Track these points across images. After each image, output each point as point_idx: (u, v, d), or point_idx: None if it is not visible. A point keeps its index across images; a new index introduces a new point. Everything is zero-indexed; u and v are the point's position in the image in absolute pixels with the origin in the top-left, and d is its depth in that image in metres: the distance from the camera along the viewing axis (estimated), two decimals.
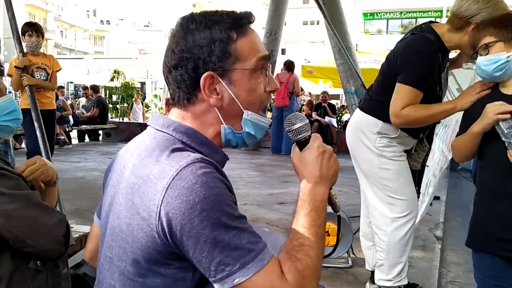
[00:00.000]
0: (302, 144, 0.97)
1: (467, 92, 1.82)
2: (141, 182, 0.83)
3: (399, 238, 2.20)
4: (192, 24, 0.89)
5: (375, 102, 2.20)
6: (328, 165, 0.94)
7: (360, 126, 2.25)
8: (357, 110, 2.32)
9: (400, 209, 2.20)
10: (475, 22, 1.90)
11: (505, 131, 1.49)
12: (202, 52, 0.87)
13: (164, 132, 0.90)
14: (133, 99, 12.62)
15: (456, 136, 1.75)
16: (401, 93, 2.00)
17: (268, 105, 8.38)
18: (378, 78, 2.26)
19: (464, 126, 1.68)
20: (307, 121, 0.98)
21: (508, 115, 1.50)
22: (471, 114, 1.68)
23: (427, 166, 2.53)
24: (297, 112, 1.03)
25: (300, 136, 0.97)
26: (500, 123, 1.51)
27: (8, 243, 1.14)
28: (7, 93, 1.62)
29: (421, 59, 1.99)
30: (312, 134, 0.98)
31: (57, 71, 4.56)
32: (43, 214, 1.21)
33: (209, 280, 0.80)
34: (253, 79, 0.91)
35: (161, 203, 0.78)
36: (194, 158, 0.82)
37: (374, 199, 2.27)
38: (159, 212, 0.78)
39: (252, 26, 0.94)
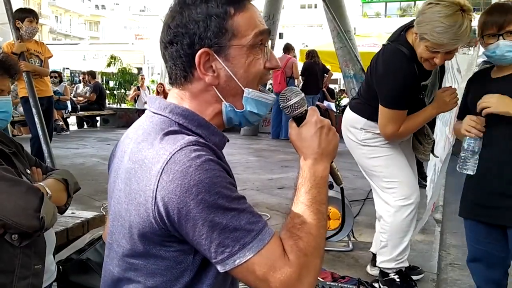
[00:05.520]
0: (299, 120, 0.93)
1: (444, 101, 2.01)
2: (137, 167, 0.82)
3: (402, 218, 2.23)
4: None
5: (360, 102, 2.28)
6: (327, 140, 0.91)
7: (347, 123, 2.34)
8: (347, 109, 2.41)
9: (400, 192, 2.22)
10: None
11: (465, 146, 1.71)
12: (198, 28, 0.84)
13: (160, 114, 0.88)
14: (139, 85, 12.46)
15: (457, 119, 1.91)
16: (389, 117, 2.06)
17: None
18: (364, 81, 2.33)
19: (462, 112, 1.87)
20: (303, 95, 0.94)
21: (473, 134, 1.68)
22: (467, 102, 1.86)
23: (437, 157, 2.55)
24: (292, 87, 0.99)
25: (297, 111, 0.93)
26: (466, 138, 1.71)
27: None
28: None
29: (394, 81, 1.99)
30: (309, 108, 0.94)
31: (49, 57, 4.57)
32: (7, 187, 1.23)
33: (211, 262, 0.80)
34: (251, 55, 0.87)
35: (157, 188, 0.77)
36: (188, 141, 0.80)
37: (374, 187, 2.33)
38: (155, 197, 0.77)
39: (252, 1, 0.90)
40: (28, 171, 1.50)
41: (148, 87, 13.10)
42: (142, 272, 0.85)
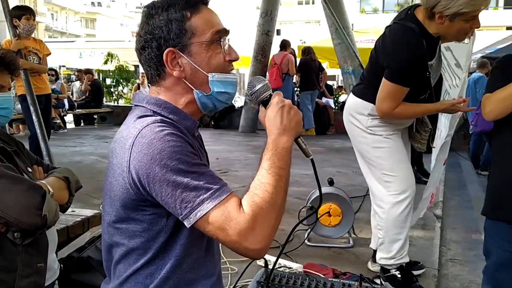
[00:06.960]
0: (266, 103, 1.08)
1: (444, 105, 2.12)
2: (116, 145, 0.99)
3: (397, 214, 2.23)
4: (152, 10, 1.02)
5: (366, 86, 2.25)
6: (288, 117, 1.04)
7: (351, 110, 2.31)
8: (351, 94, 2.38)
9: (396, 186, 2.22)
10: (439, 12, 1.91)
11: None
12: (162, 32, 1.01)
13: (140, 105, 1.05)
14: (140, 82, 12.39)
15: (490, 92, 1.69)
16: (390, 92, 2.05)
17: None
18: (368, 63, 2.29)
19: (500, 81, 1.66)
20: (267, 81, 1.09)
21: None
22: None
23: (434, 148, 2.54)
24: (257, 76, 1.13)
25: (262, 96, 1.08)
26: None
27: None
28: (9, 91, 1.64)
29: (403, 54, 2.00)
30: (275, 92, 1.08)
31: (47, 55, 4.55)
32: (8, 184, 1.22)
33: (184, 225, 0.93)
34: (210, 50, 1.03)
35: (129, 158, 0.93)
36: (154, 119, 0.97)
37: (371, 179, 2.32)
38: (129, 167, 0.94)
39: (209, 5, 1.07)
40: (30, 170, 1.49)
41: (148, 85, 13.00)
42: (125, 235, 1.00)
